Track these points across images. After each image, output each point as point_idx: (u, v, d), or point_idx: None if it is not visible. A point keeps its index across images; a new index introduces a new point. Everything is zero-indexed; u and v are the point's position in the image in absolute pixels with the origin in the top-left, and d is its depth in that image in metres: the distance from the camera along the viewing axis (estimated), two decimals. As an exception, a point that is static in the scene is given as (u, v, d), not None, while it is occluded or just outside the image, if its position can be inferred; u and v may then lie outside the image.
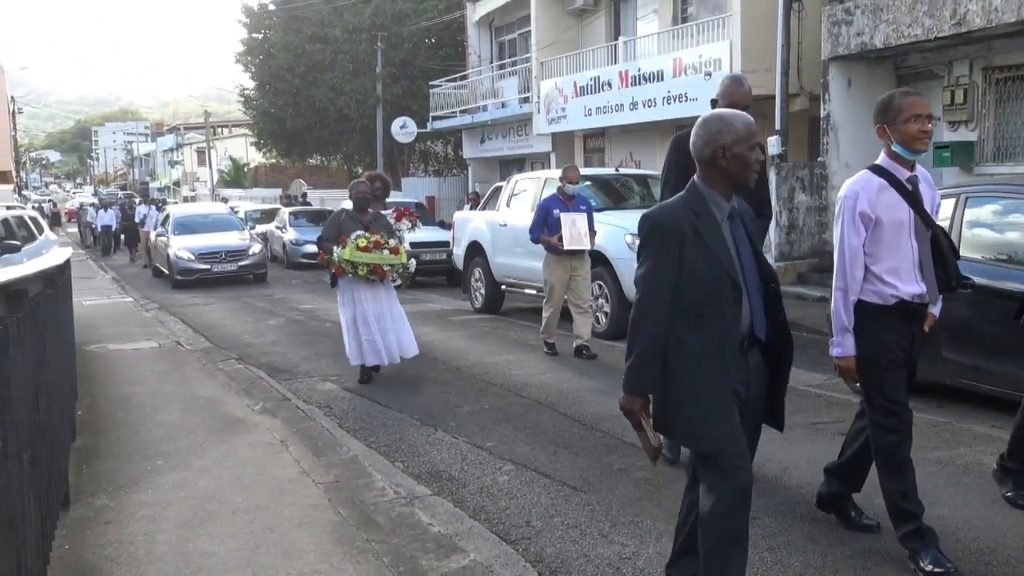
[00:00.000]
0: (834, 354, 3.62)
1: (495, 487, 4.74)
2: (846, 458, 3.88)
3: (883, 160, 3.60)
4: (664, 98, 15.56)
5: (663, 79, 15.57)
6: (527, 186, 11.41)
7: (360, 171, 31.17)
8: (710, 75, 14.24)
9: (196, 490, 4.68)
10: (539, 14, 19.99)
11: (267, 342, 10.02)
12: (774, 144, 12.60)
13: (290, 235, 21.61)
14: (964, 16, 10.20)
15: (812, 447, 5.15)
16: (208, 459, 5.25)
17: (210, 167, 49.45)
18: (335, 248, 7.37)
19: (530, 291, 11.07)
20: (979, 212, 5.87)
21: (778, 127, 13.01)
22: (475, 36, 24.50)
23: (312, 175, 40.05)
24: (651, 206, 12.12)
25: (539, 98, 19.65)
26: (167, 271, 17.82)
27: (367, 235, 7.34)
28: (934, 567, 3.40)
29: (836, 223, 3.62)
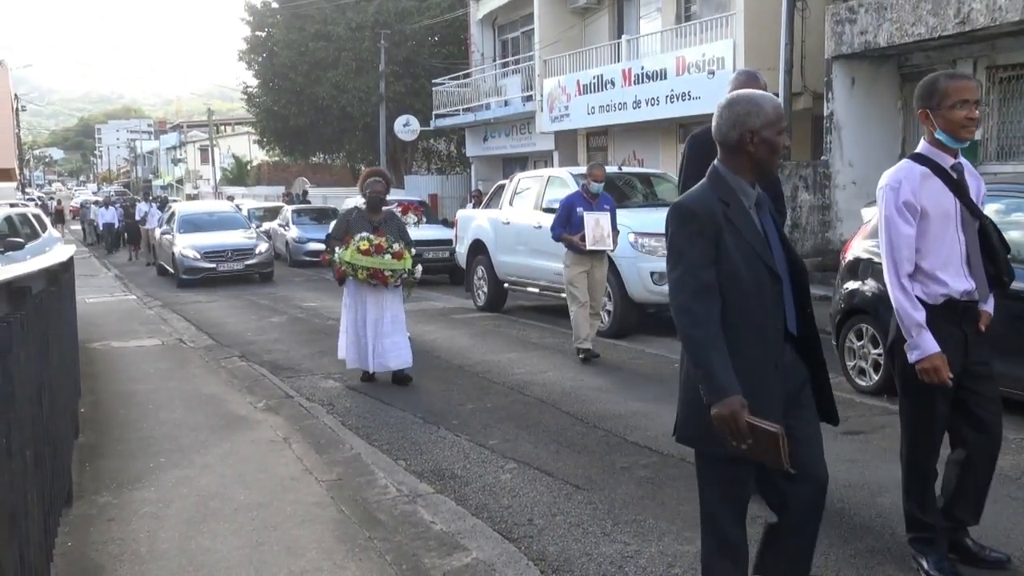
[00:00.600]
0: (913, 359, 3.21)
1: (497, 485, 4.74)
2: (952, 495, 3.45)
3: (924, 147, 3.30)
4: (667, 97, 15.57)
5: (666, 78, 15.58)
6: (530, 184, 11.41)
7: (363, 169, 31.19)
8: (713, 74, 14.24)
9: (199, 487, 4.68)
10: (542, 12, 20.00)
11: (270, 340, 10.03)
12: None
13: (293, 233, 21.60)
14: (968, 15, 10.18)
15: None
16: (211, 456, 5.25)
17: (213, 165, 49.46)
18: (337, 248, 7.15)
19: (532, 289, 11.08)
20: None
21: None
22: (478, 34, 24.51)
23: (315, 173, 40.06)
24: (654, 205, 11.94)
25: (542, 96, 19.65)
26: (172, 270, 17.58)
27: (371, 238, 7.04)
28: (937, 572, 3.35)
29: (879, 219, 3.29)
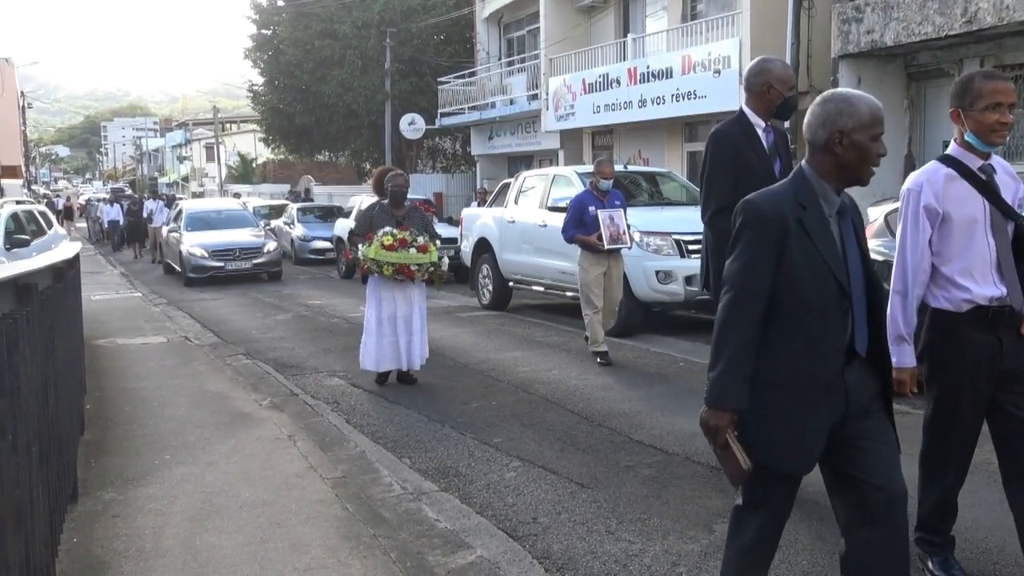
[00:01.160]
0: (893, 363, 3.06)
1: (502, 483, 4.74)
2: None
3: (953, 148, 3.17)
4: (673, 95, 15.54)
5: (672, 76, 15.55)
6: (535, 183, 11.40)
7: (368, 167, 31.21)
8: (719, 72, 14.22)
9: (204, 484, 4.69)
10: (548, 11, 19.97)
11: (275, 337, 10.04)
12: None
13: (298, 231, 21.62)
14: (975, 14, 10.15)
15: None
16: (216, 454, 5.26)
17: (219, 163, 49.54)
18: (360, 245, 7.03)
19: (537, 288, 11.08)
20: None
21: (787, 125, 12.96)
22: (484, 33, 24.50)
23: (321, 171, 40.07)
24: (659, 203, 11.91)
25: (547, 95, 19.63)
26: (179, 268, 17.41)
27: (395, 232, 6.89)
28: (942, 572, 3.34)
29: (899, 221, 3.21)
